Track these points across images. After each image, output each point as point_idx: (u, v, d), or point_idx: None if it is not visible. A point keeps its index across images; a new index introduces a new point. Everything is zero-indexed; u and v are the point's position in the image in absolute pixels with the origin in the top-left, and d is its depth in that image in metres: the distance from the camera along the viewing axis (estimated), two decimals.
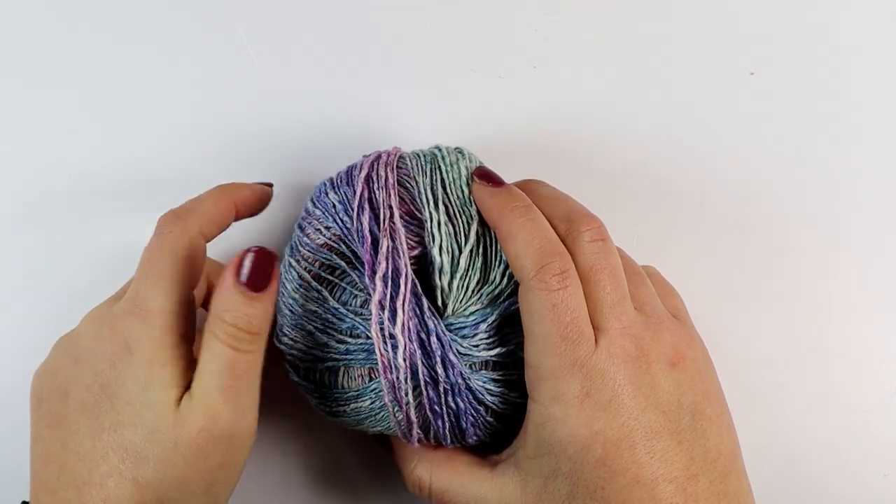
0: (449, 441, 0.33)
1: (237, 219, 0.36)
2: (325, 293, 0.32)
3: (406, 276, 0.31)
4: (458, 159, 0.34)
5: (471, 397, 0.31)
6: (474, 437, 0.33)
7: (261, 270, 0.30)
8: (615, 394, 0.29)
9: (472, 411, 0.31)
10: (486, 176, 0.33)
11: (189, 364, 0.31)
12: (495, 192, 0.32)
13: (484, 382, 0.31)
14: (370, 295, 0.31)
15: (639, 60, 0.42)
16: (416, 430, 0.32)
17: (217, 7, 0.41)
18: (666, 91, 0.42)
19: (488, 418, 0.32)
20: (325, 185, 0.35)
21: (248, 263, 0.30)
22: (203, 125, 0.42)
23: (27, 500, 0.32)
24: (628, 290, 0.31)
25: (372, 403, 0.32)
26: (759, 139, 0.41)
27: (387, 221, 0.31)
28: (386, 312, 0.30)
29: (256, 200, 0.36)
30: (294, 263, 0.33)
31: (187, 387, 0.30)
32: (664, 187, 0.41)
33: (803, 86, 0.41)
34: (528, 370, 0.30)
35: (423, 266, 0.32)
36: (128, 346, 0.30)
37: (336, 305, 0.32)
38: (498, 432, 0.33)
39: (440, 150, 0.34)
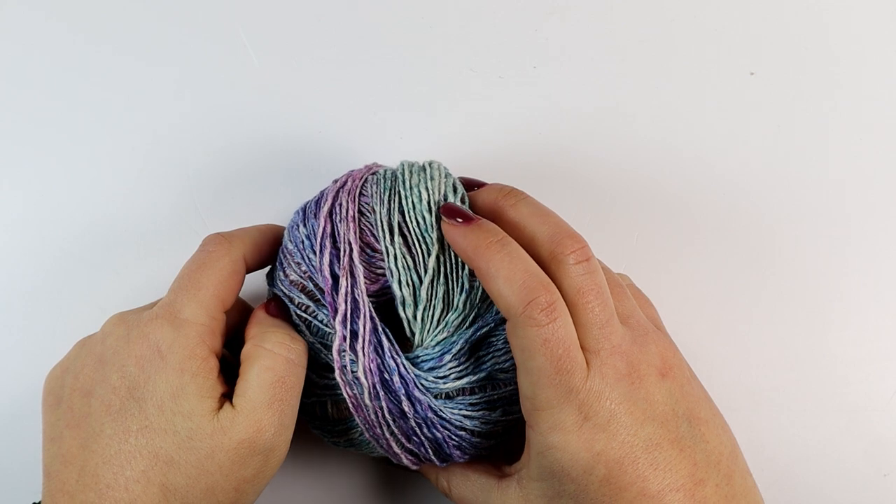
0: (439, 463, 0.33)
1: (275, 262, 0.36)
2: (303, 328, 0.32)
3: (364, 316, 0.30)
4: (419, 181, 0.32)
5: (447, 426, 0.31)
6: (465, 457, 0.33)
7: (285, 312, 0.33)
8: (612, 413, 0.29)
9: (455, 438, 0.31)
10: (452, 212, 0.32)
11: (218, 377, 0.31)
12: (467, 230, 0.31)
13: (461, 409, 0.31)
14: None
15: (639, 60, 0.42)
16: (405, 459, 0.32)
17: (218, 9, 0.41)
18: (666, 91, 0.42)
19: (474, 440, 0.32)
20: (298, 214, 0.34)
21: (276, 305, 0.33)
22: (202, 126, 0.41)
23: (37, 501, 0.31)
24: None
25: (361, 435, 0.32)
26: (759, 139, 0.41)
27: (346, 259, 0.31)
28: (347, 356, 0.30)
29: None
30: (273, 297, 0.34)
31: (220, 398, 0.30)
32: (664, 187, 0.41)
33: (803, 86, 0.41)
34: (523, 401, 0.30)
35: (390, 297, 0.32)
36: (159, 351, 0.30)
37: (312, 341, 0.32)
38: (491, 447, 0.33)
39: (403, 171, 0.33)
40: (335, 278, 0.31)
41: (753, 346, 0.41)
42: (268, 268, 0.35)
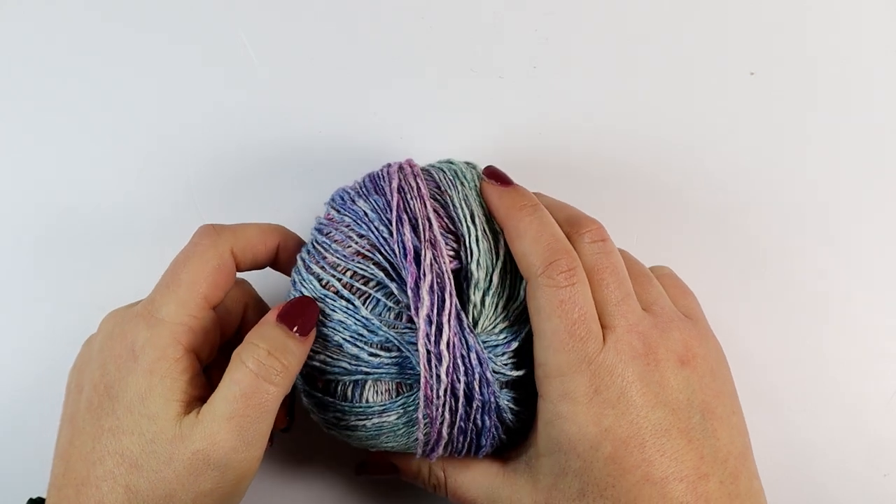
0: (461, 455, 0.33)
1: (276, 264, 0.35)
2: (358, 303, 0.31)
3: (450, 290, 0.30)
4: (473, 175, 0.34)
5: (496, 415, 0.31)
6: (486, 451, 0.33)
7: (305, 316, 0.31)
8: (624, 391, 0.29)
9: (494, 428, 0.31)
10: (494, 175, 0.33)
11: (193, 379, 0.30)
12: (504, 191, 0.32)
13: (508, 401, 0.31)
14: (409, 308, 0.30)
15: (638, 60, 0.42)
16: (441, 447, 0.32)
17: (218, 10, 0.41)
18: (666, 91, 0.42)
19: (502, 435, 0.32)
20: (347, 192, 0.33)
21: (292, 307, 0.31)
22: (202, 126, 0.41)
23: (39, 496, 0.32)
24: (634, 290, 0.31)
25: (398, 419, 0.32)
26: (759, 139, 0.41)
27: (427, 232, 0.31)
28: (433, 327, 0.30)
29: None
30: (317, 270, 0.32)
31: (191, 402, 0.30)
32: (664, 187, 0.41)
33: (803, 86, 0.41)
34: (536, 368, 0.30)
35: (456, 281, 0.32)
36: (133, 351, 0.30)
37: (369, 317, 0.31)
38: (500, 446, 0.33)
39: (455, 164, 0.34)
40: (416, 250, 0.31)
41: (753, 346, 0.41)
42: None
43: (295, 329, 0.30)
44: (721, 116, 0.41)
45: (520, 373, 0.31)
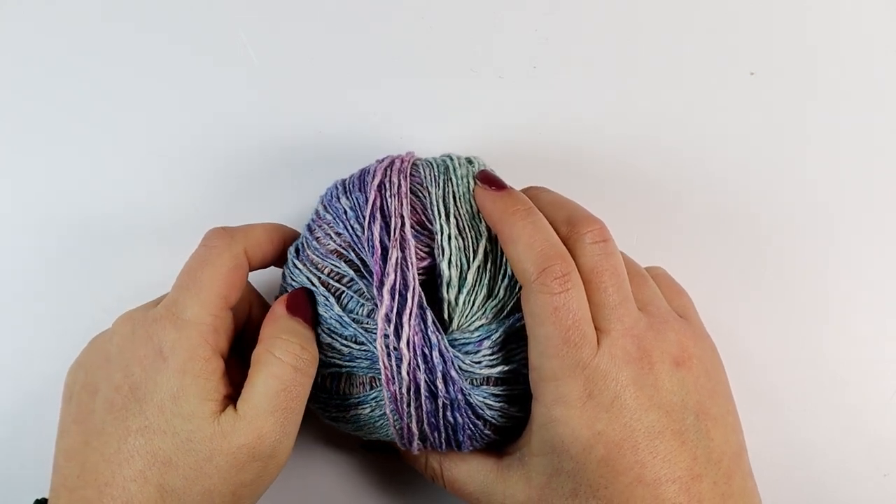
0: (444, 450, 0.33)
1: (279, 262, 0.35)
2: (332, 299, 0.32)
3: (413, 289, 0.30)
4: (468, 172, 0.33)
5: (470, 413, 0.31)
6: (470, 448, 0.33)
7: (308, 306, 0.32)
8: (617, 395, 0.29)
9: (471, 425, 0.32)
10: (488, 179, 0.33)
11: (222, 378, 0.31)
12: (497, 195, 0.32)
13: (484, 398, 0.31)
14: (377, 305, 0.31)
15: (639, 60, 0.42)
16: (416, 441, 0.32)
17: (218, 10, 0.41)
18: (666, 91, 0.42)
19: (486, 431, 0.32)
20: (336, 188, 0.34)
21: (296, 299, 0.32)
22: (202, 127, 0.41)
23: (43, 497, 0.32)
24: (631, 291, 0.31)
25: (372, 412, 0.32)
26: (759, 139, 0.41)
27: (397, 231, 0.31)
28: (392, 325, 0.30)
29: None
30: (301, 266, 0.33)
31: (222, 400, 0.30)
32: (664, 187, 0.41)
33: (803, 86, 0.41)
34: (531, 371, 0.30)
35: (432, 278, 0.32)
36: (161, 352, 0.30)
37: (340, 313, 0.32)
38: (495, 443, 0.33)
39: (452, 160, 0.34)
40: (384, 249, 0.31)
41: (753, 347, 0.41)
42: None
43: (303, 319, 0.32)
44: (721, 116, 0.41)
45: (494, 370, 0.31)
